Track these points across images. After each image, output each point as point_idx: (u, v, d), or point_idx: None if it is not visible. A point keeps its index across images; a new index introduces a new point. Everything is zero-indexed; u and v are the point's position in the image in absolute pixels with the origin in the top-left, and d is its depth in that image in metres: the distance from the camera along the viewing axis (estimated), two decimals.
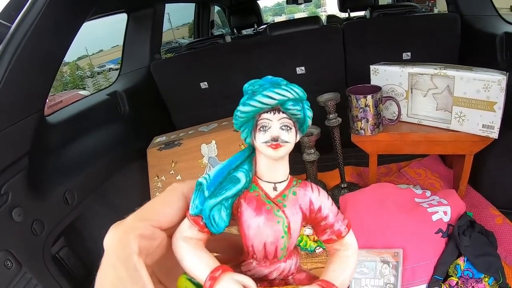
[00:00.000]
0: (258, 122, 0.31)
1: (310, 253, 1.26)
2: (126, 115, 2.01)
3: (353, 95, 1.36)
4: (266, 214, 0.32)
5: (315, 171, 1.44)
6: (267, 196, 0.32)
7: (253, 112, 0.31)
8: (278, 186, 0.33)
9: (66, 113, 1.71)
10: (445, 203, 1.24)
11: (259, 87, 0.32)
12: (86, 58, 13.53)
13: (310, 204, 0.34)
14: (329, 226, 0.35)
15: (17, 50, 1.13)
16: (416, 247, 1.14)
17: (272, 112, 0.31)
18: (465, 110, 1.28)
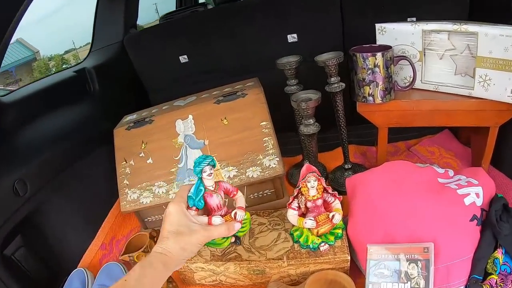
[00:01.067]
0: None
1: (313, 252, 1.03)
2: (96, 94, 1.90)
3: (359, 54, 1.15)
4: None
5: (315, 148, 1.24)
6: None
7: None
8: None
9: (24, 92, 1.60)
10: (475, 183, 1.02)
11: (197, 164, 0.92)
12: (74, 51, 13.59)
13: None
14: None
15: None
16: (450, 240, 0.90)
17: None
18: (491, 72, 1.09)
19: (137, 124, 1.42)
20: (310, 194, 1.03)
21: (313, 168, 1.04)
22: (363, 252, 0.97)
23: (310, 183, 1.02)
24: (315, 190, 1.03)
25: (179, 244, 0.79)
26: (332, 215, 1.03)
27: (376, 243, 0.96)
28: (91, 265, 1.38)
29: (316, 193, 1.03)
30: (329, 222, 1.04)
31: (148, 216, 1.39)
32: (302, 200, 1.06)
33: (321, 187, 1.04)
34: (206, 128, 1.34)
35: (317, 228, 1.03)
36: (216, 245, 1.07)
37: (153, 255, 0.78)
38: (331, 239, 1.03)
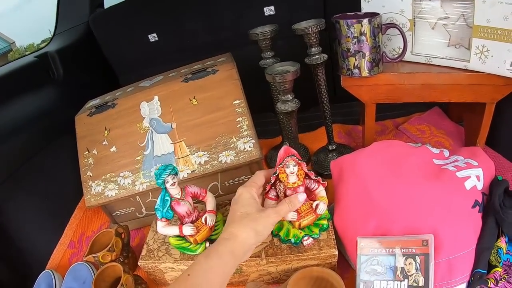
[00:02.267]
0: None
1: (296, 247, 0.93)
2: (60, 80, 1.81)
3: (343, 21, 1.04)
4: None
5: (295, 127, 1.13)
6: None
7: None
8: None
9: None
10: (475, 164, 0.93)
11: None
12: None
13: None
14: None
15: None
16: (452, 230, 0.80)
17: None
18: (489, 43, 0.99)
19: (99, 109, 1.31)
20: (289, 181, 0.89)
21: (292, 151, 0.89)
22: (353, 245, 0.87)
23: (289, 168, 0.88)
24: (295, 177, 0.89)
25: (251, 227, 0.77)
26: (315, 204, 0.92)
27: (367, 235, 0.86)
28: (60, 266, 1.31)
29: (296, 180, 0.89)
30: (313, 212, 0.92)
31: (116, 210, 1.29)
32: (280, 188, 0.92)
33: (302, 172, 0.90)
34: (174, 110, 1.23)
35: (299, 220, 0.92)
36: (190, 251, 1.00)
37: (220, 242, 0.75)
38: (316, 232, 0.93)
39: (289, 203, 0.85)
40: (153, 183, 1.19)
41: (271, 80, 1.00)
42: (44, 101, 1.67)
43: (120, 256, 1.12)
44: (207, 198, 1.02)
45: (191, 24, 1.87)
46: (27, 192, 1.40)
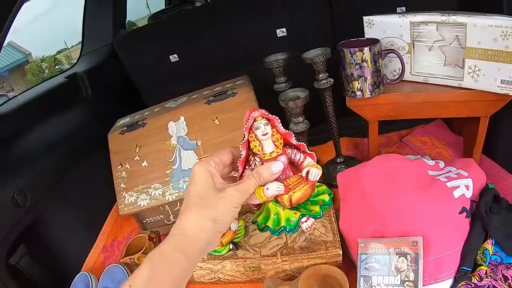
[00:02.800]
0: None
1: (306, 247, 1.04)
2: (89, 99, 1.90)
3: (346, 49, 1.15)
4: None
5: (306, 144, 1.22)
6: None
7: None
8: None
9: (17, 102, 1.61)
10: (465, 175, 1.03)
11: None
12: (66, 51, 13.53)
13: None
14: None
15: None
16: (439, 233, 0.92)
17: None
18: (480, 63, 1.10)
19: (130, 128, 1.43)
20: (265, 150, 0.69)
21: (261, 111, 0.68)
22: (355, 246, 0.98)
23: (260, 129, 0.67)
24: (271, 143, 0.69)
25: (206, 215, 0.61)
26: (306, 171, 0.69)
27: (367, 237, 0.97)
28: (94, 268, 1.41)
29: (274, 148, 0.69)
30: (304, 181, 0.69)
31: (146, 218, 1.41)
32: (257, 164, 0.70)
33: (279, 136, 0.70)
34: (198, 129, 1.35)
35: (288, 193, 0.67)
36: (216, 252, 1.11)
37: (168, 240, 0.60)
38: (316, 210, 0.73)
39: (256, 175, 0.65)
40: (181, 193, 1.30)
41: (284, 105, 1.13)
42: (76, 119, 1.76)
43: None
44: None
45: (209, 45, 1.95)
46: (65, 203, 1.49)
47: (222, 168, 0.67)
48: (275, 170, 0.66)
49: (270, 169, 0.66)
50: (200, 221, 0.61)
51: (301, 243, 1.06)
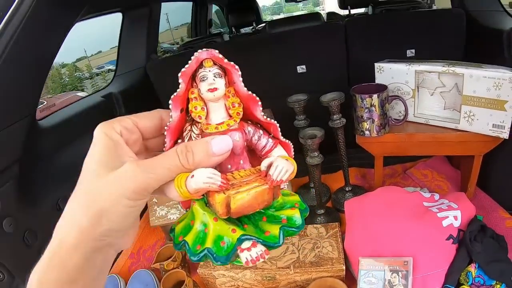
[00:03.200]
0: None
1: (315, 261, 1.20)
2: None
3: (358, 95, 1.31)
4: None
5: (319, 175, 1.39)
6: None
7: None
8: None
9: (59, 116, 1.68)
10: (455, 207, 1.18)
11: None
12: (85, 60, 13.62)
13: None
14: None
15: (4, 52, 1.10)
16: (427, 255, 1.08)
17: None
18: (475, 109, 1.24)
19: None
20: (210, 119, 0.45)
21: (212, 51, 0.43)
22: (356, 263, 1.13)
23: (206, 81, 0.43)
24: (223, 109, 0.45)
25: (87, 209, 0.38)
26: (267, 162, 0.44)
27: (366, 256, 1.13)
28: (121, 272, 1.50)
29: (225, 118, 0.45)
30: (261, 179, 0.43)
31: None
32: (193, 138, 0.44)
33: (237, 100, 0.45)
34: None
35: (226, 192, 0.40)
36: (239, 262, 1.22)
37: (44, 253, 0.39)
38: (273, 233, 0.43)
39: (182, 150, 0.40)
40: None
41: (303, 142, 1.29)
42: None
43: (179, 265, 1.33)
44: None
45: None
46: None
47: (135, 136, 0.43)
48: (217, 150, 0.40)
49: (209, 146, 0.40)
50: (77, 222, 0.38)
51: (311, 259, 1.20)
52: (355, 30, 1.98)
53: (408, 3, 2.55)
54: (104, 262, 0.41)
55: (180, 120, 0.44)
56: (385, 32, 1.92)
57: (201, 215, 0.43)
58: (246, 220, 0.45)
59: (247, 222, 0.44)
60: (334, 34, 1.99)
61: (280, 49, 2.05)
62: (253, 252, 0.42)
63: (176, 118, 0.43)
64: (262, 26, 4.32)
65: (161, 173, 0.39)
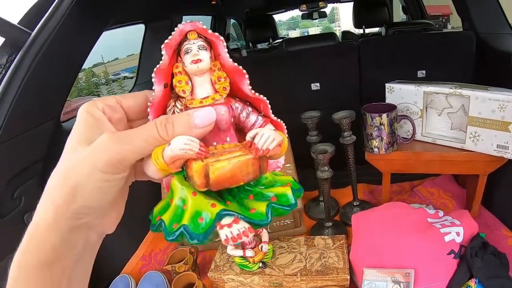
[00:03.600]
0: None
1: (321, 270, 1.24)
2: None
3: (368, 114, 1.37)
4: None
5: (329, 188, 1.43)
6: None
7: None
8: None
9: None
10: (457, 223, 1.22)
11: None
12: (102, 66, 13.70)
13: None
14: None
15: (36, 56, 1.16)
16: (428, 268, 1.12)
17: None
18: (480, 130, 1.28)
19: None
20: (196, 94, 0.42)
21: (196, 23, 0.40)
22: (360, 273, 1.18)
23: (190, 54, 0.41)
24: (208, 84, 0.43)
25: (61, 183, 0.36)
26: (253, 133, 0.40)
27: (370, 267, 1.17)
28: (132, 273, 1.54)
29: (211, 92, 0.42)
30: (245, 149, 0.39)
31: None
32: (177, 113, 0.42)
33: (225, 76, 0.43)
34: None
35: (204, 160, 0.37)
36: (248, 268, 1.27)
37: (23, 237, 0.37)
38: (259, 210, 0.39)
39: (162, 122, 0.38)
40: None
41: (315, 157, 1.35)
42: None
43: (190, 268, 1.37)
44: (263, 233, 1.28)
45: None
46: None
47: (119, 115, 0.41)
48: (200, 122, 0.38)
49: (191, 117, 0.38)
50: (47, 202, 0.37)
51: (317, 267, 1.24)
52: (368, 51, 2.04)
53: (420, 25, 2.61)
54: (86, 246, 0.39)
55: (164, 96, 0.41)
56: (397, 53, 1.97)
57: (179, 190, 0.39)
58: (230, 198, 0.41)
59: (230, 200, 0.40)
60: (347, 54, 2.05)
61: (295, 66, 2.10)
62: (234, 228, 0.37)
63: (160, 93, 0.40)
64: (278, 41, 4.39)
65: (138, 145, 0.37)
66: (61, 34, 1.22)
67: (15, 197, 1.21)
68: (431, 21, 3.14)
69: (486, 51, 1.80)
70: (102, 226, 0.41)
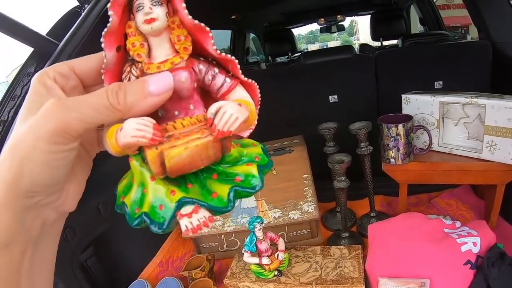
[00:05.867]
0: None
1: (336, 279, 1.25)
2: None
3: (384, 124, 1.37)
4: None
5: (345, 199, 1.43)
6: None
7: None
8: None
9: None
10: (474, 234, 1.22)
11: None
12: None
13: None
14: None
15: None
16: (444, 278, 1.12)
17: None
18: (496, 139, 1.27)
19: None
20: (153, 57, 0.39)
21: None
22: (376, 283, 1.18)
23: (142, 11, 0.35)
24: (167, 44, 0.38)
25: (10, 156, 0.33)
26: (215, 108, 0.36)
27: (385, 277, 1.17)
28: (149, 278, 1.56)
29: (170, 53, 0.39)
30: (205, 128, 0.37)
31: (204, 243, 1.60)
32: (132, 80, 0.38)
33: (185, 34, 0.38)
34: None
35: (158, 147, 0.35)
36: (263, 276, 1.27)
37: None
38: (220, 194, 0.37)
39: (113, 88, 0.35)
40: (238, 226, 1.46)
41: (332, 167, 1.35)
42: None
43: (207, 275, 1.37)
44: (279, 242, 1.29)
45: (270, 103, 2.07)
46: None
47: (73, 82, 0.39)
48: (155, 89, 0.35)
49: (145, 84, 0.35)
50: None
51: (333, 277, 1.25)
52: (385, 62, 2.06)
53: (436, 36, 2.61)
54: (44, 226, 0.37)
55: (118, 61, 0.38)
56: (414, 65, 1.98)
57: (138, 173, 0.37)
58: (192, 178, 0.37)
59: (192, 181, 0.37)
60: (364, 66, 2.07)
61: (313, 79, 2.14)
62: (194, 219, 0.35)
63: (112, 59, 0.37)
64: (297, 55, 4.42)
65: (85, 112, 0.33)
66: (87, 46, 1.26)
67: None
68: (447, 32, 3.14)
69: (503, 59, 1.80)
70: (59, 204, 0.39)
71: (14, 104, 1.21)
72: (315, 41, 19.25)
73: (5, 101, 1.22)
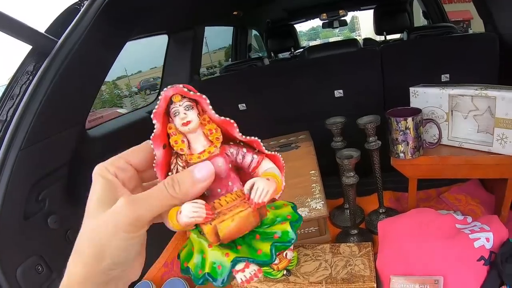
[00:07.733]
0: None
1: (347, 278, 1.22)
2: None
3: (393, 118, 1.35)
4: None
5: (354, 195, 1.41)
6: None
7: None
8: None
9: (106, 128, 1.80)
10: (487, 229, 1.20)
11: None
12: (125, 78, 13.95)
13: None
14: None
15: (62, 64, 1.20)
16: (457, 275, 1.10)
17: None
18: (507, 131, 1.24)
19: None
20: (193, 149, 0.47)
21: (177, 86, 0.44)
22: (387, 281, 1.16)
23: (179, 116, 0.44)
24: (202, 137, 0.46)
25: (86, 251, 0.42)
26: (249, 184, 0.45)
27: (397, 275, 1.15)
28: (154, 279, 1.54)
29: (206, 145, 0.47)
30: (244, 202, 0.45)
31: None
32: (179, 170, 0.46)
33: (214, 126, 0.46)
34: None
35: (212, 222, 0.43)
36: (272, 275, 1.25)
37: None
38: (264, 251, 0.45)
39: (169, 183, 0.43)
40: None
41: (340, 162, 1.33)
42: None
43: None
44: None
45: (275, 99, 2.15)
46: None
47: (130, 173, 0.46)
48: (201, 176, 0.43)
49: (192, 174, 0.43)
50: (77, 259, 0.42)
51: (343, 275, 1.22)
52: (390, 56, 2.03)
53: (442, 29, 2.58)
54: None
55: (165, 155, 0.46)
56: (420, 58, 1.96)
57: (197, 243, 0.47)
58: (240, 241, 0.46)
59: (240, 243, 0.46)
60: (370, 60, 2.04)
61: (318, 74, 2.11)
62: (247, 272, 0.44)
63: (161, 155, 0.46)
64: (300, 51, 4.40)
65: (153, 205, 0.42)
66: (86, 42, 1.25)
67: (39, 200, 1.23)
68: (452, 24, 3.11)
69: (510, 51, 1.78)
70: (129, 276, 0.46)
71: (13, 103, 1.19)
72: (317, 38, 19.22)
73: (4, 100, 1.22)
